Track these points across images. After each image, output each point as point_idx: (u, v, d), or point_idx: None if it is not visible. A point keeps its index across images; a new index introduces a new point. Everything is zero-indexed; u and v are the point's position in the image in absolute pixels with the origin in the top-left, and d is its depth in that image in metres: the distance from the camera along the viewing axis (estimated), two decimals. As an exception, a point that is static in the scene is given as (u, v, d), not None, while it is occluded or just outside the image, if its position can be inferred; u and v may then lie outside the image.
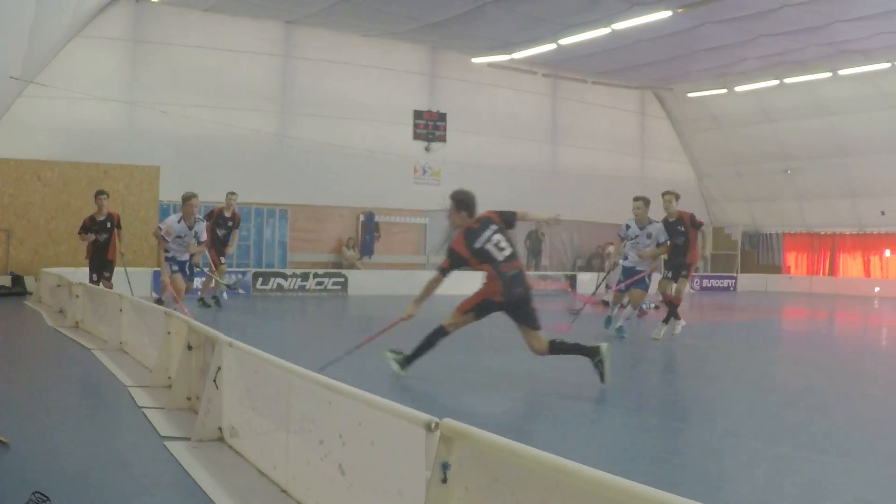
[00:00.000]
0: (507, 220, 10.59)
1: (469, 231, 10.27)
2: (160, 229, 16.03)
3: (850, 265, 40.05)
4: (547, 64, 35.00)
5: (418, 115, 33.35)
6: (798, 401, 10.40)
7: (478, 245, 10.18)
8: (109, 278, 18.59)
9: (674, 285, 15.89)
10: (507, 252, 10.24)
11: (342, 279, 28.49)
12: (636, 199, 16.07)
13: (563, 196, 36.00)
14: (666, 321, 15.78)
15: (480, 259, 10.20)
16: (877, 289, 37.37)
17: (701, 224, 16.06)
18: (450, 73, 33.96)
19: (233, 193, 20.90)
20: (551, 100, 37.52)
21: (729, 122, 39.55)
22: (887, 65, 31.36)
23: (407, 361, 10.47)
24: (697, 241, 15.89)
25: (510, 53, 32.71)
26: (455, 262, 10.26)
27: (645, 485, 2.80)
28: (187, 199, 16.06)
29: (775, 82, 35.09)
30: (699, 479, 6.57)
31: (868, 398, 10.69)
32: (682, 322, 16.19)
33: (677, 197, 16.02)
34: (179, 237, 15.87)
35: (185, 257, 16.30)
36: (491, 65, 34.34)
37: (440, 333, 10.44)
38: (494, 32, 29.57)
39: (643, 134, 41.10)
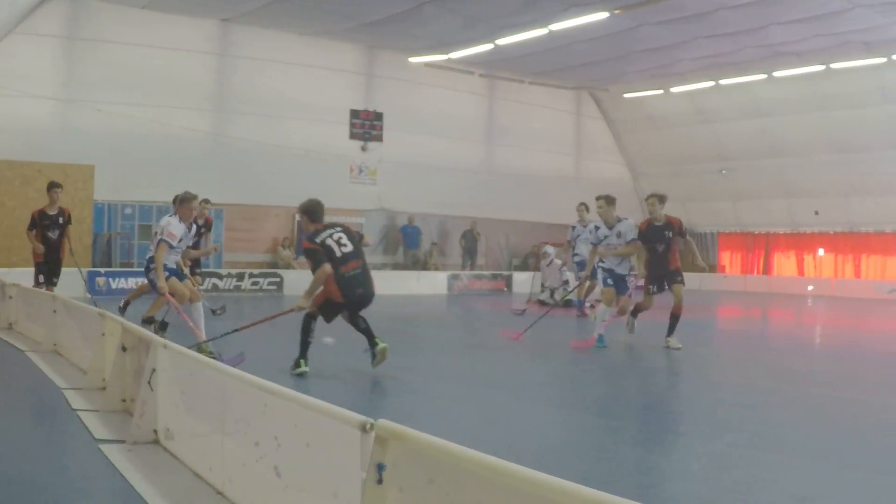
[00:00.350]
0: (356, 233, 11.37)
1: (314, 232, 10.97)
2: (165, 235, 13.09)
3: (784, 264, 40.49)
4: (484, 64, 35.01)
5: (355, 114, 33.21)
6: (734, 398, 10.52)
7: (319, 240, 10.85)
8: (56, 284, 17.13)
9: (655, 298, 15.19)
10: (348, 249, 10.83)
11: (278, 279, 28.39)
12: (598, 198, 15.39)
13: (499, 195, 36.21)
14: (671, 332, 14.81)
15: (326, 254, 10.74)
16: (810, 287, 37.82)
17: (687, 232, 15.58)
18: (387, 73, 33.87)
19: (206, 201, 19.34)
20: (488, 100, 37.58)
21: (664, 123, 39.79)
22: (821, 67, 31.75)
23: (300, 357, 10.85)
24: (678, 249, 15.15)
25: (447, 53, 32.68)
26: (313, 256, 10.81)
27: (581, 484, 2.82)
28: (188, 200, 13.43)
29: (711, 83, 35.41)
30: (635, 477, 6.64)
31: (804, 395, 10.83)
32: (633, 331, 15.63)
33: (662, 199, 15.14)
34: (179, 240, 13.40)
35: (173, 264, 13.66)
36: (428, 64, 34.28)
37: (310, 319, 10.98)
38: (431, 32, 29.55)
39: (579, 134, 41.25)
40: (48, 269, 17.11)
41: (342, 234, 10.95)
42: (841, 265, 38.41)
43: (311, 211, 11.12)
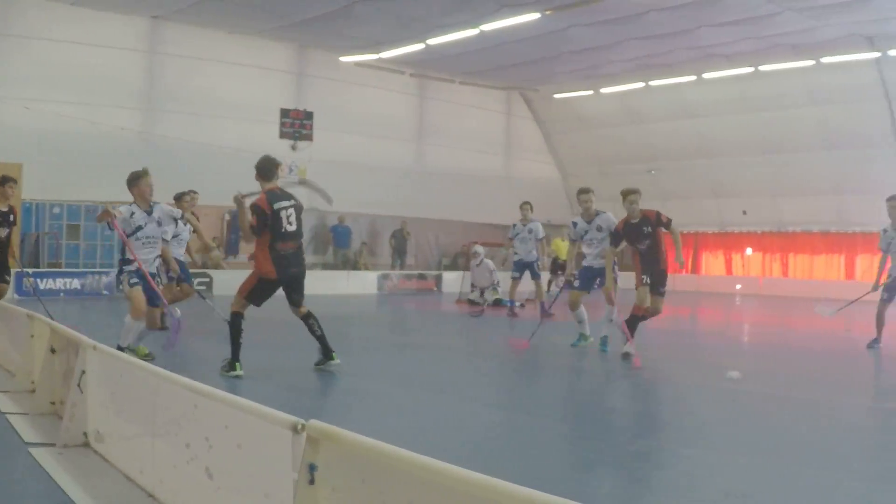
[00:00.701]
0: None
1: (271, 192, 10.82)
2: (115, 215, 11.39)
3: (713, 263, 40.90)
4: (415, 63, 34.99)
5: (285, 113, 33.01)
6: (665, 396, 10.63)
7: (276, 206, 10.70)
8: (9, 282, 15.73)
9: (650, 297, 13.61)
10: (292, 228, 10.82)
11: (207, 279, 28.11)
12: (582, 191, 14.93)
13: (429, 195, 36.24)
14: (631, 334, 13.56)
15: (273, 223, 10.64)
16: (738, 286, 38.29)
17: (669, 221, 13.65)
18: (317, 72, 33.75)
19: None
20: (419, 99, 37.61)
21: (594, 123, 40.13)
22: (750, 69, 32.20)
23: (235, 360, 10.79)
24: (662, 242, 13.68)
25: (378, 53, 32.62)
26: (259, 216, 10.61)
27: (513, 482, 2.86)
28: (137, 177, 11.73)
29: (641, 84, 35.87)
30: (568, 474, 6.74)
31: (732, 392, 10.93)
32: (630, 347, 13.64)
33: (640, 194, 13.64)
34: (140, 227, 11.58)
35: (151, 266, 11.75)
36: (359, 64, 34.13)
37: (237, 318, 10.88)
38: (362, 31, 29.48)
39: (509, 134, 41.46)
40: None
41: (293, 213, 10.85)
42: (769, 264, 38.91)
43: (263, 168, 11.06)
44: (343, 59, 33.67)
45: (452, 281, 32.83)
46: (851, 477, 6.82)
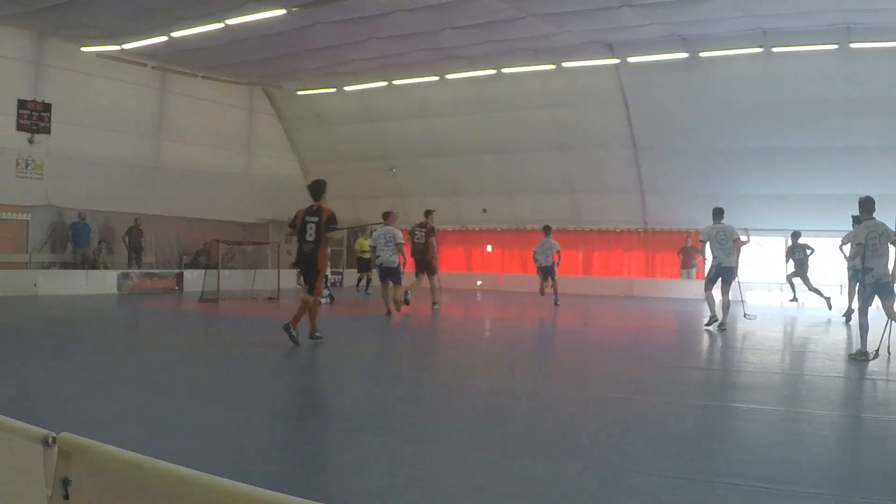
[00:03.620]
0: None
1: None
2: None
3: (453, 260, 41.46)
4: (159, 56, 33.76)
5: (22, 104, 31.23)
6: (404, 392, 10.78)
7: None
8: None
9: None
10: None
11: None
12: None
13: (169, 191, 35.36)
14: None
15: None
16: (479, 282, 39.09)
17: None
18: (57, 62, 31.93)
19: None
20: (159, 93, 36.28)
21: (334, 121, 40.32)
22: (492, 71, 32.98)
23: None
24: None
25: (121, 44, 31.40)
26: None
27: (268, 489, 2.90)
28: None
29: (384, 83, 36.28)
30: (314, 476, 6.79)
31: (467, 388, 11.18)
32: None
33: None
34: None
35: None
36: (100, 55, 32.64)
37: None
38: (104, 21, 28.37)
39: (251, 130, 40.95)
40: None
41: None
42: (508, 261, 39.89)
43: None
44: (84, 49, 32.24)
45: (194, 280, 32.05)
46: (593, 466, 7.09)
